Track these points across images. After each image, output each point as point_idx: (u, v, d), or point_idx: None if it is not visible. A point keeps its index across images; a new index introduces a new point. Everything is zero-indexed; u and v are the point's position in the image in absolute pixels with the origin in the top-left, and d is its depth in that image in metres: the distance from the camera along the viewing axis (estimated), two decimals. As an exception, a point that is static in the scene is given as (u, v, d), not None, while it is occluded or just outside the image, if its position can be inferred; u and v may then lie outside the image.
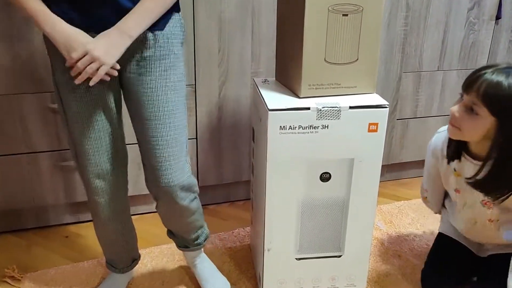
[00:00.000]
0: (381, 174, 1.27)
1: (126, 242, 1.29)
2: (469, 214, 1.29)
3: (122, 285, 1.35)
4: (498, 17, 1.91)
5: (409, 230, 1.71)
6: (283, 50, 1.27)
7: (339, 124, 1.14)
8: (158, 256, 1.53)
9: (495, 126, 1.09)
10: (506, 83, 1.06)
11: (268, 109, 1.11)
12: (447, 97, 1.98)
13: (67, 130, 1.10)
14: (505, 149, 1.10)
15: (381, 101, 1.16)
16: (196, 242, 1.34)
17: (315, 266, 1.30)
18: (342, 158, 1.18)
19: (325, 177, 1.20)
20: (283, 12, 1.24)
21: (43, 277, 1.42)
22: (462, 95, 1.15)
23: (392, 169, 2.08)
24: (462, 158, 1.23)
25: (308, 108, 1.12)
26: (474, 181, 1.18)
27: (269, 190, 1.19)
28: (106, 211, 1.17)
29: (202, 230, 1.34)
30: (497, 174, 1.14)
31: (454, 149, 1.23)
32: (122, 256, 1.31)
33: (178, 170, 1.11)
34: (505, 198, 1.16)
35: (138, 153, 1.17)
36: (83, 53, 0.94)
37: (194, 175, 1.21)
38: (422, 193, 1.49)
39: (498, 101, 1.07)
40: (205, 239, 1.36)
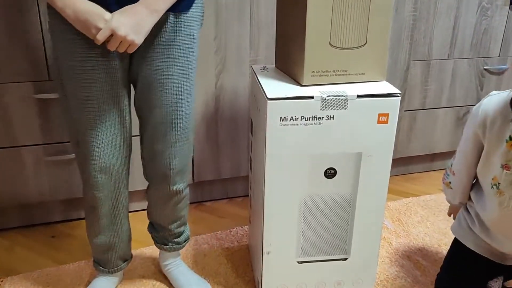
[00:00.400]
0: (390, 170, 1.17)
1: (120, 242, 1.20)
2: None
3: (111, 287, 1.25)
4: (513, 1, 1.80)
5: (418, 229, 1.61)
6: (284, 33, 1.16)
7: (346, 114, 1.03)
8: (149, 257, 1.43)
9: None
10: None
11: (267, 98, 1.00)
12: (458, 87, 1.87)
13: (69, 120, 1.02)
14: None
15: (392, 89, 1.06)
16: (175, 240, 1.27)
17: (319, 270, 1.20)
18: (349, 152, 1.07)
19: (330, 173, 1.10)
20: (284, -9, 1.13)
21: (25, 280, 1.32)
22: None
23: (399, 163, 1.98)
24: None
25: (311, 97, 1.01)
26: None
27: (268, 188, 1.09)
28: (105, 207, 1.11)
29: (184, 229, 1.28)
30: None
31: None
32: (113, 256, 1.22)
33: (181, 156, 1.09)
34: None
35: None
36: (109, 32, 0.89)
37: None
38: (444, 177, 1.28)
39: None
40: (184, 241, 1.30)
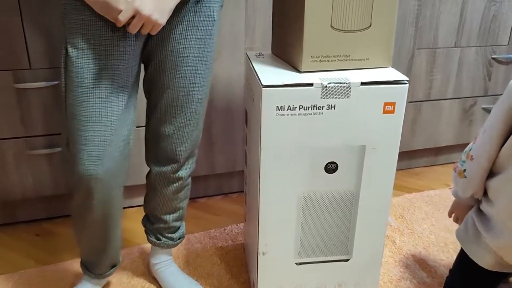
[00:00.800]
0: (396, 164, 1.08)
1: (110, 243, 1.09)
2: None
3: None
4: (523, -14, 1.70)
5: (423, 226, 1.53)
6: (281, 16, 1.07)
7: (348, 103, 0.95)
8: (139, 257, 1.35)
9: None
10: None
11: (261, 85, 0.91)
12: (464, 77, 1.78)
13: (68, 110, 0.92)
14: None
15: (399, 76, 0.97)
16: (169, 235, 1.19)
17: (319, 271, 1.11)
18: (351, 144, 0.99)
19: (330, 167, 1.01)
20: (281, -30, 1.04)
21: (5, 282, 1.24)
22: None
23: (402, 157, 1.89)
24: None
25: (310, 84, 0.92)
26: None
27: (263, 184, 1.00)
28: (100, 201, 0.99)
29: (181, 225, 1.22)
30: None
31: None
32: (102, 259, 1.12)
33: (189, 142, 1.06)
34: None
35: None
36: (132, 13, 0.83)
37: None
38: (457, 165, 1.11)
39: None
40: (179, 238, 1.22)
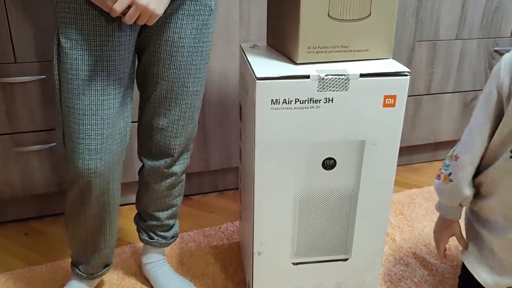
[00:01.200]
0: (396, 160, 1.03)
1: (106, 240, 1.06)
2: None
3: None
4: (526, -24, 1.66)
5: (423, 223, 1.49)
6: (276, 5, 1.02)
7: (347, 97, 0.90)
8: (131, 257, 1.31)
9: None
10: None
11: (255, 77, 0.87)
12: (466, 70, 1.73)
13: (64, 103, 0.89)
14: None
15: (399, 67, 0.92)
16: (162, 234, 1.15)
17: (316, 272, 1.07)
18: (350, 140, 0.94)
19: (328, 164, 0.97)
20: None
21: (-9, 284, 1.19)
22: None
23: (401, 152, 1.85)
24: None
25: (307, 76, 0.88)
26: None
27: (258, 181, 0.96)
28: (98, 196, 0.96)
29: (174, 223, 1.18)
30: None
31: None
32: (96, 257, 1.08)
33: (183, 137, 1.02)
34: None
35: None
36: (128, 2, 0.79)
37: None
38: (441, 171, 1.03)
39: None
40: (172, 237, 1.18)
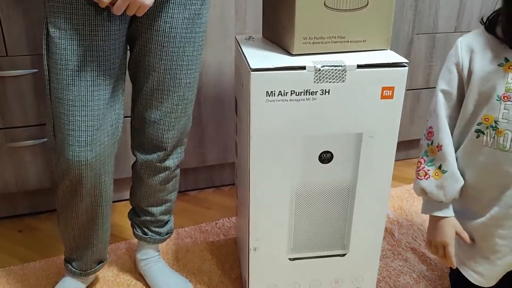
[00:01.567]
0: (395, 153, 1.01)
1: (99, 235, 1.04)
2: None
3: None
4: (526, -32, 1.64)
5: (422, 218, 1.47)
6: (271, -4, 1.00)
7: (344, 88, 0.88)
8: (126, 253, 1.29)
9: None
10: None
11: (250, 69, 0.85)
12: (465, 63, 1.71)
13: (53, 95, 0.87)
14: None
15: (397, 58, 0.90)
16: (157, 229, 1.14)
17: (314, 267, 1.05)
18: (347, 132, 0.92)
19: (325, 157, 0.95)
20: None
21: (-17, 282, 1.18)
22: None
23: (400, 147, 1.83)
24: None
25: (303, 67, 0.86)
26: None
27: (253, 175, 0.94)
28: (90, 189, 0.94)
29: (169, 218, 1.16)
30: None
31: None
32: (89, 253, 1.06)
33: (176, 130, 1.00)
34: None
35: None
36: None
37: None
38: (428, 169, 0.98)
39: None
40: (167, 233, 1.16)
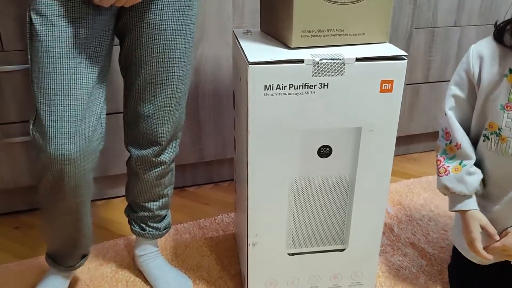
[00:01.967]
0: (394, 147, 1.01)
1: (82, 231, 1.01)
2: None
3: (64, 286, 1.09)
4: (525, -39, 1.63)
5: (422, 213, 1.47)
6: (269, -11, 0.99)
7: (343, 82, 0.87)
8: (124, 249, 1.28)
9: None
10: None
11: (248, 62, 0.84)
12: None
13: (35, 84, 0.84)
14: None
15: (396, 51, 0.89)
16: (154, 225, 1.13)
17: (313, 263, 1.05)
18: (346, 126, 0.92)
19: (324, 151, 0.94)
20: None
21: (-20, 279, 1.17)
22: None
23: (399, 142, 1.81)
24: None
25: (301, 60, 0.85)
26: None
27: (252, 170, 0.93)
28: (73, 186, 0.89)
29: (166, 213, 1.15)
30: None
31: None
32: (73, 249, 1.05)
33: (171, 124, 0.99)
34: None
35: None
36: None
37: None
38: (448, 166, 1.01)
39: None
40: (165, 228, 1.16)
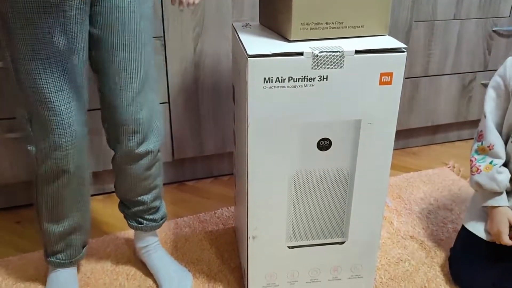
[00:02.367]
0: (393, 140, 1.01)
1: (84, 217, 1.06)
2: None
3: (73, 279, 1.10)
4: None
5: (421, 206, 1.47)
6: (268, -18, 0.99)
7: (342, 74, 0.87)
8: (125, 243, 1.28)
9: None
10: None
11: (247, 55, 0.84)
12: (464, 51, 1.70)
13: (25, 83, 0.87)
14: None
15: (396, 43, 0.89)
16: (151, 217, 1.13)
17: (312, 255, 1.05)
18: (346, 119, 0.92)
19: (323, 144, 0.94)
20: None
21: (-19, 273, 1.17)
22: None
23: (399, 136, 1.82)
24: None
25: (300, 53, 0.85)
26: None
27: (251, 163, 0.93)
28: (76, 168, 0.97)
29: (160, 204, 1.15)
30: None
31: None
32: (77, 239, 1.07)
33: (148, 108, 0.99)
34: None
35: (99, 122, 1.00)
36: None
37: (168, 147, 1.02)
38: (480, 166, 1.10)
39: None
40: (161, 218, 1.16)
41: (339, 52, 0.86)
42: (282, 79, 0.86)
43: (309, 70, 0.86)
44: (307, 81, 0.87)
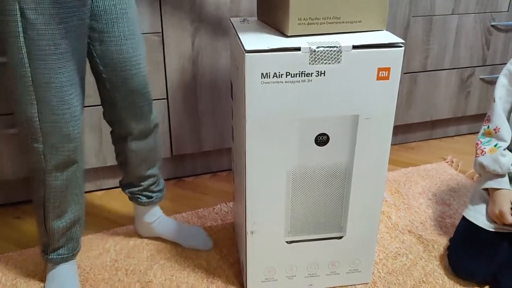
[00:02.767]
0: (391, 135, 1.01)
1: (82, 205, 1.09)
2: None
3: (74, 274, 1.11)
4: None
5: (419, 201, 1.48)
6: (266, -22, 0.99)
7: (339, 69, 0.87)
8: (123, 239, 1.29)
9: None
10: None
11: (245, 50, 0.84)
12: (462, 46, 1.70)
13: (39, 78, 0.88)
14: None
15: (393, 38, 0.89)
16: (157, 188, 1.22)
17: (311, 250, 1.06)
18: (343, 114, 0.92)
19: (321, 139, 0.94)
20: None
21: (-19, 268, 1.18)
22: None
23: (397, 131, 1.83)
24: None
25: (298, 48, 0.85)
26: None
27: (250, 158, 0.93)
28: (80, 155, 1.02)
29: (159, 177, 1.23)
30: None
31: None
32: (78, 230, 1.09)
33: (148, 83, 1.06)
34: None
35: (99, 119, 1.02)
36: None
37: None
38: (484, 148, 1.13)
39: None
40: (163, 187, 1.25)
41: (337, 47, 0.86)
42: (279, 75, 0.86)
43: (306, 65, 0.86)
44: (305, 76, 0.87)
